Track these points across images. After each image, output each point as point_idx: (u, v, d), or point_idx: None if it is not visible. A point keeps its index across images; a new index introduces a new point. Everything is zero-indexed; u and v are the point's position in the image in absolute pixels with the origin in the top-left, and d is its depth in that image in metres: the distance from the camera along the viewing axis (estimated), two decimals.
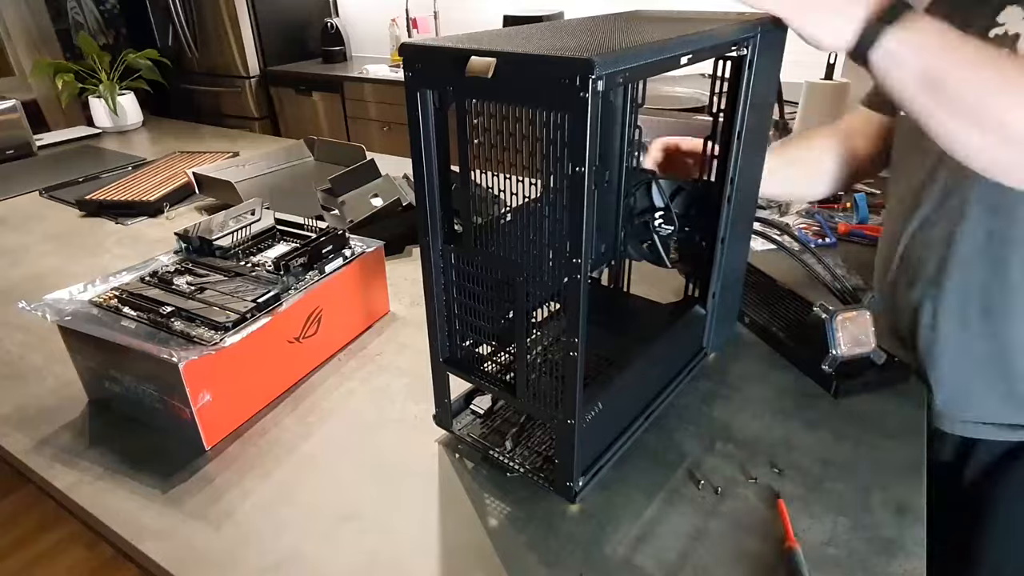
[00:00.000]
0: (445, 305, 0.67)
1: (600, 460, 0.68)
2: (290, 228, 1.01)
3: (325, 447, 0.76)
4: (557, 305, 0.59)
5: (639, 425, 0.73)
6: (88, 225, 1.42)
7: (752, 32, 0.64)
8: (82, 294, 0.83)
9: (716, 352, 0.89)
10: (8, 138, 1.90)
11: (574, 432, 0.60)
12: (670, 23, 0.63)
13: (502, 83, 0.50)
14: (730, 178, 0.72)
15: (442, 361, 0.70)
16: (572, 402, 0.59)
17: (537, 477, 0.67)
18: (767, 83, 0.71)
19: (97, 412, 0.83)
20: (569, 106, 0.46)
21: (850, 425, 0.77)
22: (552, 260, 0.55)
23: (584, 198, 0.49)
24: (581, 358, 0.56)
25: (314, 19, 3.63)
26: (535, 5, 3.10)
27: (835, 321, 0.80)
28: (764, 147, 0.79)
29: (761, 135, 0.76)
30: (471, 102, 0.55)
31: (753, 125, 0.71)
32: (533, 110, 0.51)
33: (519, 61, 0.48)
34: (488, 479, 0.70)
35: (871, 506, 0.66)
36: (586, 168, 0.48)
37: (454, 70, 0.51)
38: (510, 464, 0.69)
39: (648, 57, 0.51)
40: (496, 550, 0.62)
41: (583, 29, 0.58)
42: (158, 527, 0.66)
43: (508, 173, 0.56)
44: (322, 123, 3.44)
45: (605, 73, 0.45)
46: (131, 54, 2.31)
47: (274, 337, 0.82)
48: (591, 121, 0.46)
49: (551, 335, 0.78)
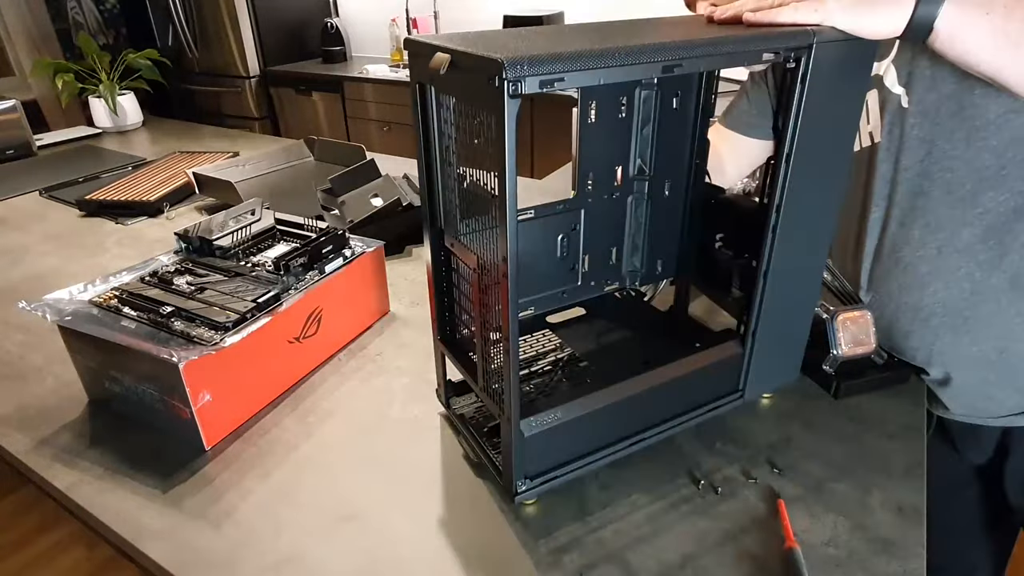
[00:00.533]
0: (438, 286, 0.71)
1: (561, 470, 0.66)
2: (290, 228, 1.01)
3: (325, 447, 0.76)
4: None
5: (625, 447, 0.69)
6: (88, 225, 1.42)
7: (796, 42, 0.57)
8: (82, 294, 0.83)
9: (754, 399, 0.79)
10: (8, 138, 1.90)
11: (510, 433, 0.60)
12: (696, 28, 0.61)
13: (454, 80, 0.52)
14: (776, 205, 0.65)
15: (439, 339, 0.74)
16: (511, 403, 0.59)
17: (494, 468, 0.68)
18: (836, 101, 0.63)
19: (97, 412, 0.83)
20: (494, 106, 0.47)
21: (850, 425, 0.77)
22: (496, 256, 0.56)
23: (508, 199, 0.50)
24: (514, 359, 0.56)
25: (314, 19, 3.63)
26: (535, 5, 3.10)
27: (836, 321, 0.80)
28: (837, 174, 0.69)
29: (827, 160, 0.66)
30: (442, 96, 0.59)
31: (812, 148, 0.63)
32: (476, 108, 0.54)
33: (461, 60, 0.50)
34: (488, 479, 0.70)
35: (871, 506, 0.66)
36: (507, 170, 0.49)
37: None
38: (475, 448, 0.70)
39: (601, 63, 0.48)
40: (496, 550, 0.62)
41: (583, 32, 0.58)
42: (158, 527, 0.65)
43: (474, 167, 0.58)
44: (322, 123, 3.44)
45: (523, 76, 0.45)
46: (131, 54, 2.31)
47: (274, 337, 0.82)
48: (508, 121, 0.47)
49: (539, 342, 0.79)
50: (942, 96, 0.73)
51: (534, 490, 0.64)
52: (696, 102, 0.74)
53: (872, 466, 0.71)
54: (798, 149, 0.62)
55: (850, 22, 0.58)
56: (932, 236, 0.78)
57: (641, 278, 0.83)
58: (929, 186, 0.77)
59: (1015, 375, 0.80)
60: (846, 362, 0.81)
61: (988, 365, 0.80)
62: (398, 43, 3.47)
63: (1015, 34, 0.59)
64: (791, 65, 0.58)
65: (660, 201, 0.78)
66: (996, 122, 0.70)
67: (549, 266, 0.76)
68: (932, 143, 0.75)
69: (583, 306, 0.83)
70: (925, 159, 0.76)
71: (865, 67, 0.64)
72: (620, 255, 0.81)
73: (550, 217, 0.73)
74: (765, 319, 0.71)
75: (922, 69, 0.74)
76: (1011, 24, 0.58)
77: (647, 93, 0.72)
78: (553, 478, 0.65)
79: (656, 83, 0.71)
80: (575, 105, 0.69)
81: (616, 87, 0.70)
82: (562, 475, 0.65)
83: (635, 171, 0.76)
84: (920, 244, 0.79)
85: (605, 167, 0.74)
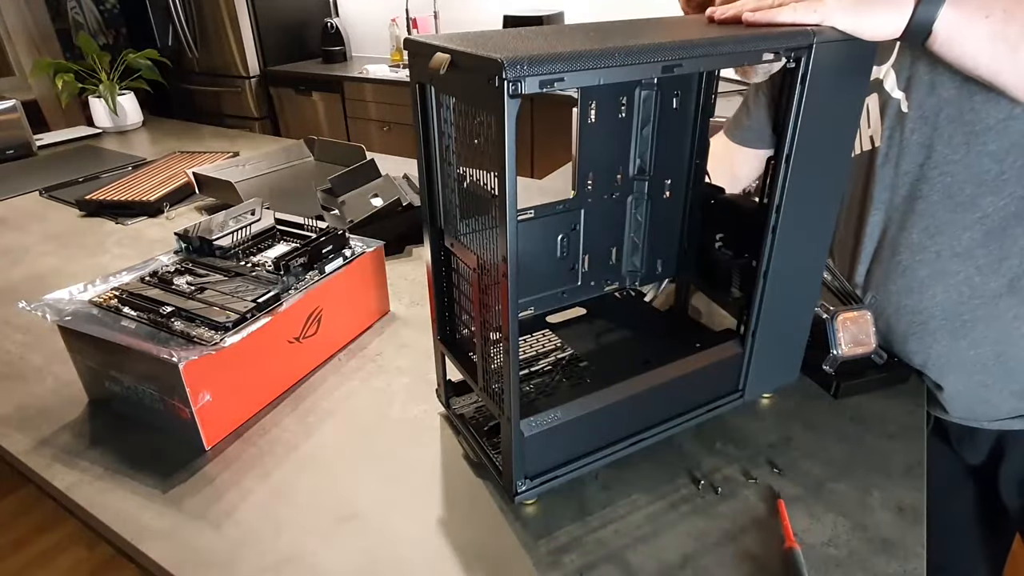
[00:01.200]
0: (438, 286, 0.71)
1: (561, 470, 0.66)
2: (290, 228, 1.01)
3: (325, 447, 0.76)
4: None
5: (625, 447, 0.69)
6: (88, 225, 1.42)
7: (796, 43, 0.57)
8: (82, 294, 0.83)
9: (754, 399, 0.80)
10: (8, 138, 1.90)
11: (510, 433, 0.60)
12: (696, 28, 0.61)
13: (454, 80, 0.52)
14: (776, 205, 0.65)
15: (439, 339, 0.74)
16: (511, 403, 0.59)
17: (494, 468, 0.67)
18: (835, 101, 0.63)
19: (97, 412, 0.83)
20: (494, 106, 0.47)
21: (850, 425, 0.77)
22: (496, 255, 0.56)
23: (508, 199, 0.50)
24: (514, 359, 0.56)
25: (314, 19, 3.63)
26: (535, 5, 3.10)
27: (836, 321, 0.80)
28: (837, 174, 0.69)
29: (827, 161, 0.66)
30: (442, 96, 0.59)
31: (812, 148, 0.63)
32: (476, 108, 0.54)
33: (461, 60, 0.50)
34: (488, 479, 0.70)
35: (871, 506, 0.66)
36: (507, 170, 0.49)
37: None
38: (475, 448, 0.70)
39: (601, 63, 0.48)
40: (496, 550, 0.62)
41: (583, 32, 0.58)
42: (158, 527, 0.65)
43: (474, 167, 0.58)
44: (322, 123, 3.44)
45: (523, 76, 0.45)
46: (131, 54, 2.31)
47: (274, 337, 0.82)
48: (508, 121, 0.46)
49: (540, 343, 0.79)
50: (942, 100, 0.73)
51: (534, 490, 0.64)
52: (696, 102, 0.74)
53: (872, 466, 0.71)
54: (798, 149, 0.62)
55: (849, 22, 0.58)
56: (931, 240, 0.78)
57: (641, 278, 0.83)
58: (928, 190, 0.77)
59: (1011, 379, 0.80)
60: (846, 362, 0.81)
61: (985, 369, 0.80)
62: (398, 43, 3.47)
63: (1014, 37, 0.59)
64: (791, 65, 0.58)
65: (660, 201, 0.78)
66: (996, 127, 0.70)
67: (549, 266, 0.76)
68: (931, 147, 0.75)
69: (583, 306, 0.83)
70: (925, 163, 0.76)
71: (865, 68, 0.64)
72: (620, 255, 0.81)
73: (550, 217, 0.73)
74: (765, 319, 0.71)
75: (921, 74, 0.74)
76: (1010, 27, 0.58)
77: (647, 93, 0.72)
78: (553, 478, 0.65)
79: (656, 83, 0.71)
80: (575, 105, 0.69)
81: (616, 87, 0.70)
82: (562, 475, 0.65)
83: (635, 171, 0.76)
84: (919, 248, 0.79)
85: (605, 167, 0.74)
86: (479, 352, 0.64)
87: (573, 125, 0.70)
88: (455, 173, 0.63)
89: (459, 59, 0.50)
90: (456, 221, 0.64)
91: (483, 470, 0.71)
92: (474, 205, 0.60)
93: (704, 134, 0.75)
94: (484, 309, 0.61)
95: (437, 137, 0.63)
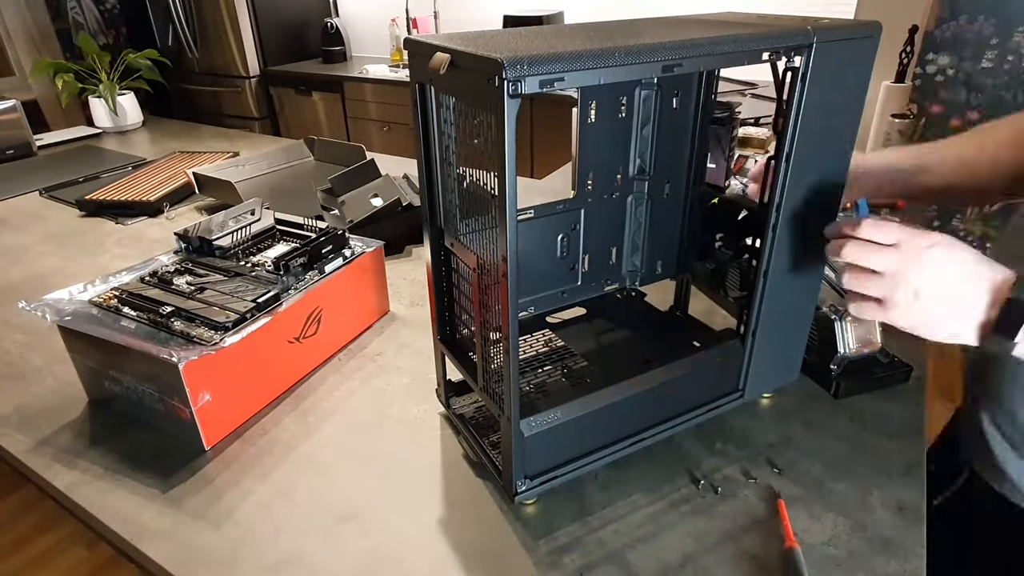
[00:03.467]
0: (438, 286, 0.71)
1: (561, 470, 0.66)
2: (290, 228, 1.01)
3: (325, 447, 0.76)
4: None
5: (625, 447, 0.69)
6: (88, 225, 1.42)
7: (797, 40, 0.56)
8: (82, 294, 0.83)
9: (754, 399, 0.80)
10: (8, 138, 1.90)
11: (510, 433, 0.60)
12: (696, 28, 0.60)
13: (454, 80, 0.52)
14: (776, 204, 0.64)
15: (439, 339, 0.74)
16: (510, 403, 0.59)
17: (494, 468, 0.67)
18: (835, 101, 0.62)
19: (97, 412, 0.83)
20: (494, 106, 0.47)
21: (850, 425, 0.77)
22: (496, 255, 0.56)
23: (508, 199, 0.50)
24: (514, 359, 0.56)
25: (314, 19, 3.63)
26: (535, 5, 3.10)
27: (844, 321, 0.80)
28: (838, 175, 0.68)
29: (827, 160, 0.66)
30: (442, 96, 0.59)
31: (812, 147, 0.63)
32: (475, 108, 0.54)
33: (461, 60, 0.50)
34: (488, 479, 0.70)
35: (871, 506, 0.66)
36: (507, 170, 0.49)
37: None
38: (475, 448, 0.70)
39: (601, 63, 0.48)
40: (495, 550, 0.62)
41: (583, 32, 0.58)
42: (158, 527, 0.66)
43: (474, 167, 0.58)
44: (322, 123, 3.44)
45: (523, 76, 0.45)
46: (131, 54, 2.31)
47: (274, 337, 0.82)
48: (508, 121, 0.46)
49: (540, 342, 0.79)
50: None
51: (534, 490, 0.64)
52: (696, 102, 0.74)
53: (872, 466, 0.71)
54: (798, 149, 0.62)
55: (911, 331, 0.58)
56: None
57: (641, 278, 0.83)
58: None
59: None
60: (851, 361, 0.81)
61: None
62: (398, 43, 3.47)
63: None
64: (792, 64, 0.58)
65: (660, 201, 0.78)
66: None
67: (549, 266, 0.76)
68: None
69: (583, 306, 0.83)
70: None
71: (865, 67, 0.63)
72: (620, 255, 0.81)
73: (550, 217, 0.74)
74: (765, 319, 0.71)
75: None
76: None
77: (647, 93, 0.72)
78: (553, 478, 0.65)
79: (656, 83, 0.71)
80: (575, 105, 0.69)
81: (616, 87, 0.70)
82: (562, 475, 0.65)
83: (635, 171, 0.76)
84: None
85: (605, 167, 0.74)
86: (479, 352, 0.64)
87: (573, 125, 0.70)
88: (455, 173, 0.63)
89: (459, 59, 0.50)
90: (456, 221, 0.64)
91: (483, 470, 0.71)
92: (474, 205, 0.60)
93: (704, 134, 0.75)
94: (484, 309, 0.61)
95: (437, 137, 0.63)
